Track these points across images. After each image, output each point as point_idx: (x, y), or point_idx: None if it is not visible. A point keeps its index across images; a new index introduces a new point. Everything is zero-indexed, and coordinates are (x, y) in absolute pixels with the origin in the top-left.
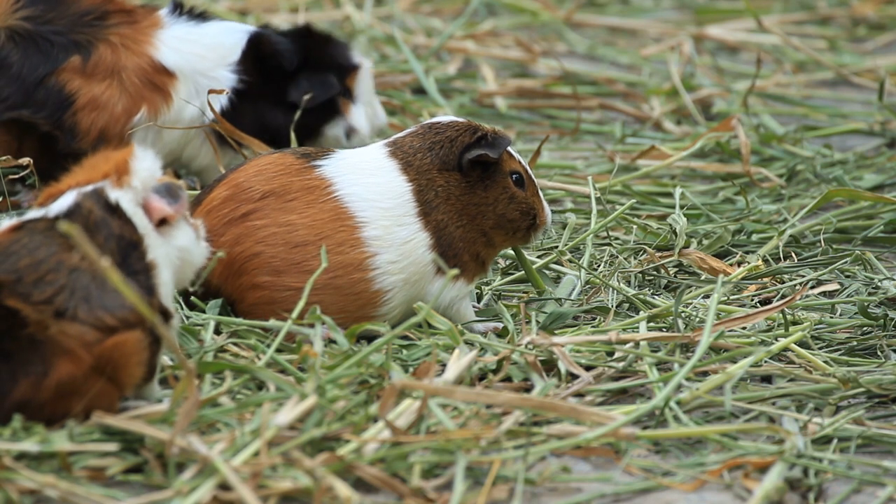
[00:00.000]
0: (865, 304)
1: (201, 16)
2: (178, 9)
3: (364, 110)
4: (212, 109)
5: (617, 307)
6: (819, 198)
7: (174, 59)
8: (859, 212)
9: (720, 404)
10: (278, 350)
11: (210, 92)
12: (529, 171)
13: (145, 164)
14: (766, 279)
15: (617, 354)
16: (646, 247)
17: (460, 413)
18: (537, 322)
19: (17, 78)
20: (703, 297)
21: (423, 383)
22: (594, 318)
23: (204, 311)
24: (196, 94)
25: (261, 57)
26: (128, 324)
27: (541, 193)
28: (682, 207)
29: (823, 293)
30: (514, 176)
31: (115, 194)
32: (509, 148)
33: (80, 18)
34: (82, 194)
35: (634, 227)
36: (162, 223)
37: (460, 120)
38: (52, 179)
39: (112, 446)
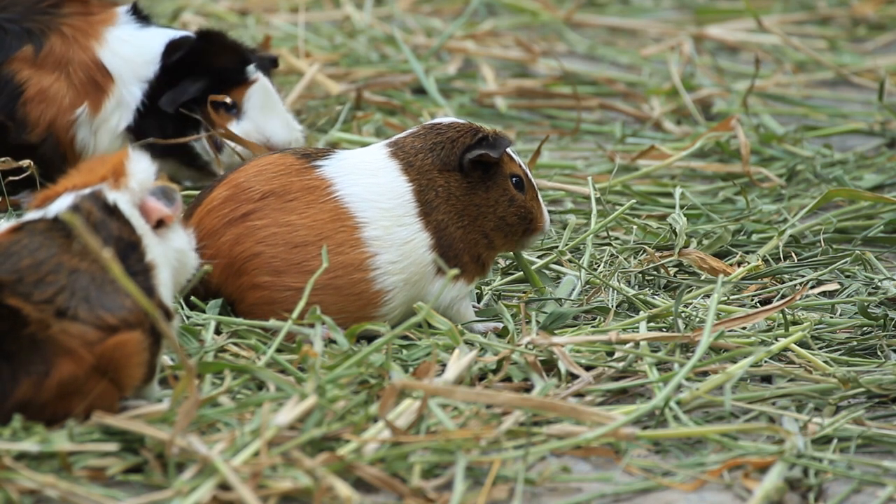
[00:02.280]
0: (865, 304)
1: (146, 19)
2: (133, 9)
3: (250, 126)
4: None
5: (617, 307)
6: (819, 198)
7: (112, 62)
8: (859, 212)
9: (720, 404)
10: (278, 350)
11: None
12: (530, 174)
13: (141, 167)
14: (766, 279)
15: (617, 354)
16: (646, 247)
17: (460, 413)
18: (537, 322)
19: None
20: (703, 297)
21: (423, 383)
22: (594, 318)
23: (204, 311)
24: (118, 105)
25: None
26: (128, 324)
27: (540, 198)
28: (682, 207)
29: (823, 293)
30: (513, 179)
31: (112, 196)
32: (510, 151)
33: (35, 6)
34: (81, 196)
35: (634, 227)
36: (159, 224)
37: (461, 121)
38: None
39: (112, 446)
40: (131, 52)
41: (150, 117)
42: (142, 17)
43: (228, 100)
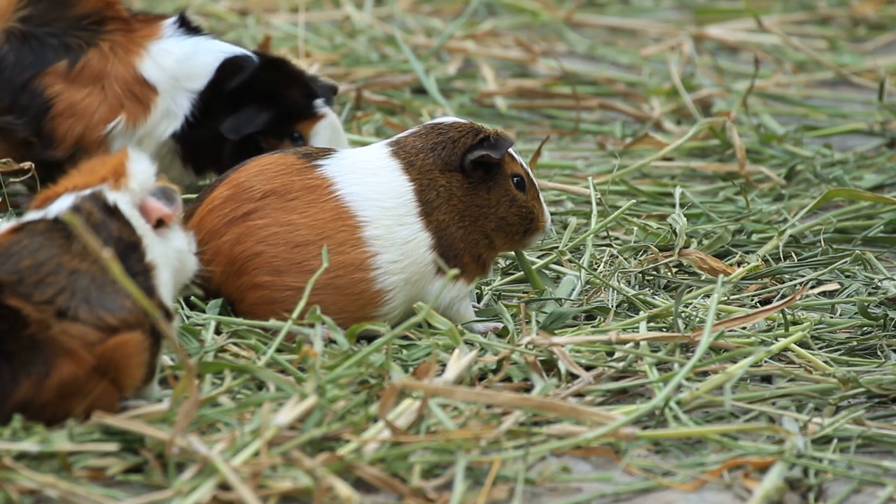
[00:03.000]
0: (865, 304)
1: (194, 30)
2: (181, 22)
3: None
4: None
5: (617, 307)
6: (819, 198)
7: (156, 74)
8: (859, 212)
9: (720, 404)
10: (278, 350)
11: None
12: (531, 174)
13: (141, 167)
14: (766, 279)
15: (617, 354)
16: (650, 245)
17: (460, 413)
18: (537, 322)
19: (8, 81)
20: (703, 297)
21: (423, 383)
22: (594, 318)
23: (204, 311)
24: (167, 114)
25: (223, 88)
26: (128, 325)
27: (541, 197)
28: (682, 207)
29: (823, 293)
30: (515, 179)
31: (113, 197)
32: (511, 150)
33: (78, 22)
34: (81, 197)
35: (634, 227)
36: (159, 224)
37: (462, 121)
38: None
39: (112, 446)
40: (175, 63)
41: (202, 129)
42: (190, 28)
43: (296, 133)
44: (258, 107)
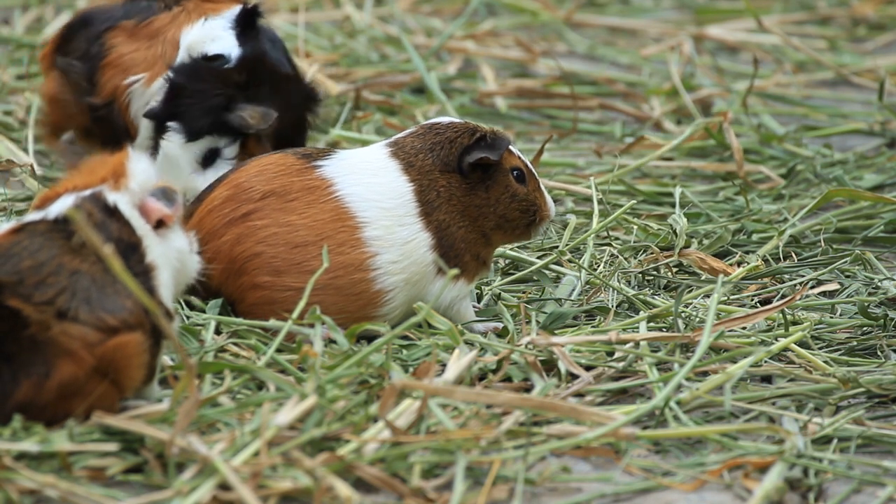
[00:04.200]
0: (865, 304)
1: (248, 26)
2: (244, 13)
3: None
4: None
5: (617, 307)
6: (819, 198)
7: (181, 45)
8: (859, 212)
9: (720, 404)
10: (278, 350)
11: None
12: (530, 165)
13: (141, 167)
14: (766, 279)
15: (617, 354)
16: (651, 245)
17: (460, 413)
18: (537, 322)
19: (93, 31)
20: (703, 297)
21: (423, 383)
22: (594, 318)
23: (204, 311)
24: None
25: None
26: (129, 325)
27: (543, 187)
28: (682, 207)
29: (823, 293)
30: (514, 172)
31: (113, 197)
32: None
33: None
34: (81, 197)
35: (635, 227)
36: (159, 225)
37: (459, 121)
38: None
39: (112, 446)
40: (191, 40)
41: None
42: (245, 23)
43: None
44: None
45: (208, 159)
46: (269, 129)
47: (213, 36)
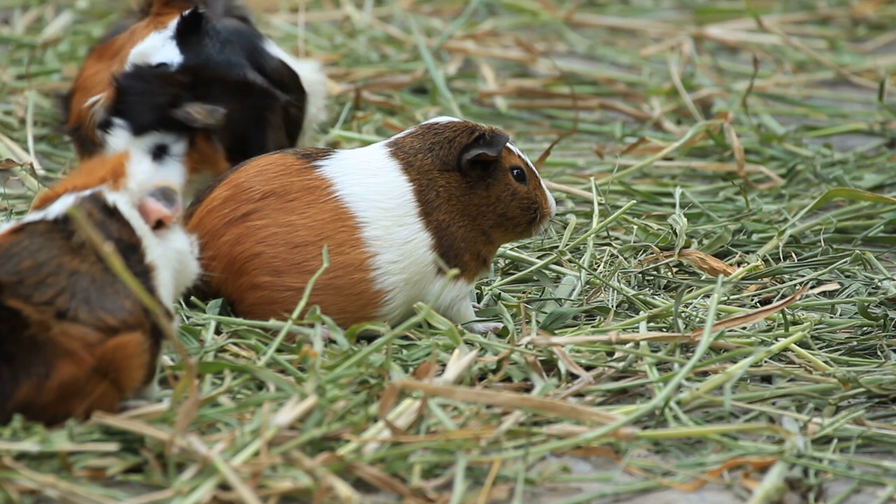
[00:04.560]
0: (865, 304)
1: (188, 34)
2: (182, 21)
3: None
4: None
5: (617, 307)
6: (819, 198)
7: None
8: (859, 212)
9: (720, 404)
10: (278, 350)
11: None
12: (530, 163)
13: (141, 168)
14: (766, 279)
15: (617, 354)
16: (651, 245)
17: (460, 413)
18: (537, 322)
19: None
20: (703, 297)
21: (423, 383)
22: (594, 318)
23: (204, 311)
24: None
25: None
26: (128, 326)
27: (543, 185)
28: (682, 207)
29: (823, 293)
30: (514, 171)
31: (112, 197)
32: (508, 144)
33: (147, 2)
34: (81, 198)
35: (635, 227)
36: (159, 225)
37: (457, 120)
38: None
39: (112, 446)
40: (134, 53)
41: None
42: (185, 31)
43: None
44: None
45: (155, 156)
46: (218, 126)
47: (156, 47)
